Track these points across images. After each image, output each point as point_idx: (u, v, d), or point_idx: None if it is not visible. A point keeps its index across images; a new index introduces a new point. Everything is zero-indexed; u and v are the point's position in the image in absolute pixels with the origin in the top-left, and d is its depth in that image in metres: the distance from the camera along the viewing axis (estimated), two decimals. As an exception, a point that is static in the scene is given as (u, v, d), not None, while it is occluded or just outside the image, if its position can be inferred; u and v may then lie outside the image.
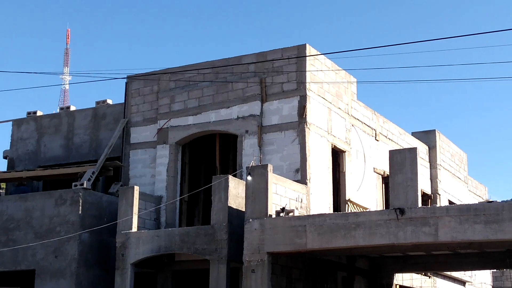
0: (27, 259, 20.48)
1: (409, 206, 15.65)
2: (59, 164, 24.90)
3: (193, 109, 21.82)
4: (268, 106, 20.71)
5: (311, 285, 19.34)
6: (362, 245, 16.21)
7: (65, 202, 20.41)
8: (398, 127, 26.22)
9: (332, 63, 21.81)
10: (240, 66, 21.37)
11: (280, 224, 16.85)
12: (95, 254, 20.38)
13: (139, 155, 22.77)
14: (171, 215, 21.47)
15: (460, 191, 30.55)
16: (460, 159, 31.44)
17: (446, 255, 21.06)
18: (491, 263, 22.35)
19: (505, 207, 14.73)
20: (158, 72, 22.92)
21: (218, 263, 18.00)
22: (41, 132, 26.16)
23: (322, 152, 20.63)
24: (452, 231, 15.05)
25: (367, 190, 23.00)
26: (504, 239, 14.91)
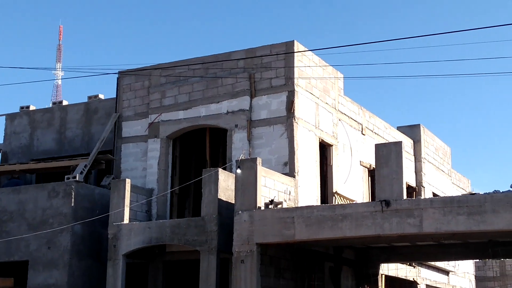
0: (21, 250, 20.46)
1: (394, 198, 15.73)
2: (52, 157, 24.82)
3: (184, 104, 21.81)
4: (257, 101, 20.74)
5: (299, 275, 19.42)
6: (348, 236, 16.29)
7: (57, 194, 20.39)
8: (383, 122, 26.31)
9: (319, 59, 21.86)
10: (229, 62, 21.36)
11: (269, 216, 16.90)
12: (88, 245, 20.38)
13: (130, 148, 22.75)
14: (162, 207, 21.49)
15: (444, 183, 30.71)
16: (444, 152, 31.60)
17: (430, 245, 21.18)
18: (473, 253, 22.50)
19: (487, 199, 14.84)
20: (149, 67, 22.90)
21: (208, 254, 18.04)
22: (34, 126, 26.08)
23: (310, 146, 20.70)
24: (436, 222, 15.15)
25: (353, 182, 23.09)
26: (486, 230, 15.03)
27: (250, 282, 16.76)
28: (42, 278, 20.01)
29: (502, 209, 14.60)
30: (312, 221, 16.34)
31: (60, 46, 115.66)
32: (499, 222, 14.64)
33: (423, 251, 22.14)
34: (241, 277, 16.87)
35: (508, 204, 14.56)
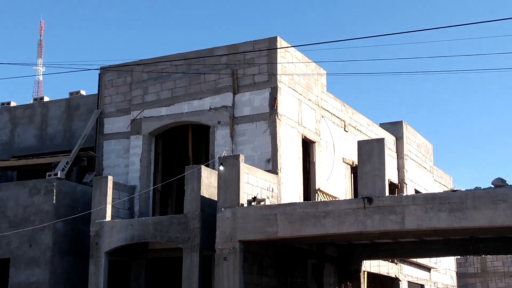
0: (2, 248, 20.35)
1: (376, 195, 15.81)
2: (33, 154, 24.74)
3: (166, 100, 21.77)
4: (240, 97, 20.74)
5: (282, 272, 19.46)
6: (331, 233, 16.35)
7: (39, 191, 20.30)
8: (366, 119, 26.41)
9: (302, 56, 21.89)
10: (212, 58, 21.34)
11: (252, 213, 16.93)
12: (69, 243, 20.30)
13: (112, 145, 22.68)
14: (144, 204, 21.45)
15: (426, 180, 30.90)
16: (426, 149, 31.79)
17: (412, 242, 21.31)
18: (455, 250, 22.68)
19: (469, 196, 14.95)
20: (131, 63, 22.84)
21: (191, 251, 18.03)
22: (14, 122, 25.94)
23: (293, 142, 20.73)
24: (418, 219, 15.24)
25: (336, 179, 23.17)
26: (467, 226, 15.15)
27: (233, 279, 16.78)
28: (23, 276, 19.92)
29: (483, 206, 14.72)
30: (295, 218, 16.39)
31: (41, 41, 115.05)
32: (480, 219, 14.76)
33: (405, 248, 22.29)
34: (223, 274, 16.89)
35: (489, 201, 14.68)
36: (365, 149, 16.71)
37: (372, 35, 26.40)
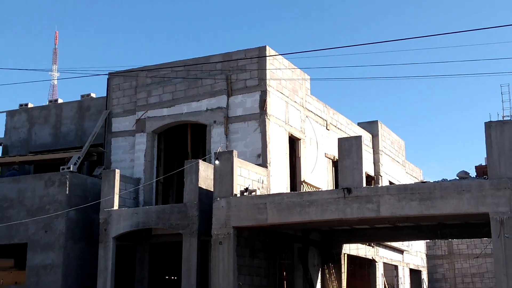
0: (20, 234, 20.30)
1: (355, 186, 15.83)
2: (48, 150, 24.66)
3: (167, 102, 21.73)
4: (233, 99, 20.72)
5: (271, 255, 19.48)
6: (315, 220, 16.37)
7: (53, 183, 20.26)
8: (346, 118, 26.43)
9: (289, 63, 21.89)
10: (208, 64, 21.31)
11: (244, 202, 16.93)
12: (81, 230, 20.26)
13: (119, 142, 22.62)
14: (148, 194, 21.40)
15: (398, 173, 30.97)
16: (399, 145, 31.86)
17: (387, 228, 21.35)
18: (425, 235, 22.73)
19: (437, 187, 15.01)
20: (136, 69, 22.78)
21: (190, 237, 18.02)
22: (32, 122, 25.86)
23: (280, 139, 20.73)
24: (391, 207, 15.28)
25: (319, 172, 23.19)
26: (435, 214, 15.20)
27: (228, 261, 16.77)
28: (39, 259, 19.87)
29: (449, 196, 14.78)
30: (283, 206, 16.40)
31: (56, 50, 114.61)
32: (447, 207, 14.82)
33: (381, 233, 22.33)
34: (219, 257, 16.88)
35: (454, 191, 14.74)
36: (344, 145, 16.74)
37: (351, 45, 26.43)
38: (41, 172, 23.23)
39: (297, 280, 21.23)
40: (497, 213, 14.21)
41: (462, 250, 38.10)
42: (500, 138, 14.68)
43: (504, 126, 14.83)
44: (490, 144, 14.72)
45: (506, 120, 15.27)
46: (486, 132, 14.82)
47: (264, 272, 18.74)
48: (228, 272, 16.68)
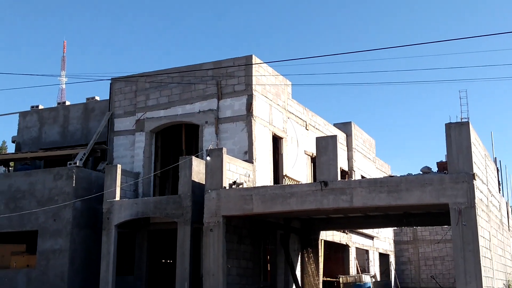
0: (31, 222, 20.20)
1: (331, 180, 15.88)
2: (57, 147, 24.55)
3: (164, 105, 21.67)
4: (223, 102, 20.70)
5: (256, 241, 19.51)
6: (295, 210, 16.41)
7: (61, 177, 20.18)
8: (323, 119, 26.48)
9: (272, 70, 21.89)
10: (200, 71, 21.29)
11: (232, 194, 16.93)
12: (86, 218, 20.17)
13: (121, 140, 22.53)
14: (146, 187, 21.34)
15: (369, 168, 31.10)
16: (370, 144, 31.97)
17: (359, 216, 21.44)
18: (392, 223, 22.88)
19: (403, 180, 15.09)
20: (136, 75, 22.71)
21: (184, 225, 17.99)
22: (42, 122, 25.72)
23: (265, 138, 20.75)
24: (363, 198, 15.34)
25: (299, 167, 23.23)
26: (402, 204, 15.29)
27: (217, 247, 16.78)
28: (49, 245, 19.77)
29: (414, 188, 14.87)
30: (267, 198, 16.42)
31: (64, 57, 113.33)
32: (412, 198, 14.91)
33: (353, 221, 22.43)
34: (210, 243, 16.88)
35: (418, 184, 14.83)
36: (322, 143, 16.78)
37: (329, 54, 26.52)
38: (51, 167, 23.12)
39: (280, 264, 21.28)
40: (455, 204, 14.32)
41: (425, 236, 38.35)
42: (459, 138, 14.79)
43: (462, 127, 14.94)
44: (450, 143, 14.82)
45: (464, 122, 15.36)
46: (446, 132, 14.92)
47: (250, 256, 18.76)
48: (218, 256, 16.68)
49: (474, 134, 15.47)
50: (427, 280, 36.38)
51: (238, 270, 17.81)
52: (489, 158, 19.23)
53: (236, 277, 17.60)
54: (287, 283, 21.33)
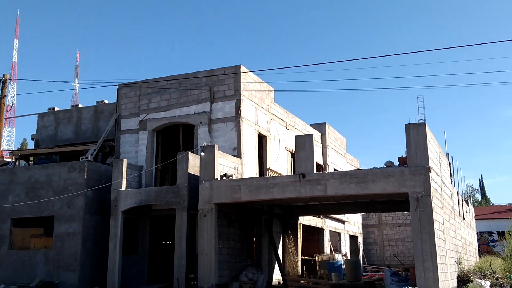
0: (48, 208, 20.08)
1: (308, 172, 15.93)
2: (71, 144, 24.41)
3: (164, 107, 21.59)
4: (215, 106, 20.67)
5: (244, 225, 19.52)
6: (277, 198, 16.44)
7: (75, 169, 20.06)
8: (301, 120, 26.53)
9: (258, 78, 21.89)
10: (196, 78, 21.24)
11: (223, 184, 16.93)
12: (96, 205, 20.08)
13: (126, 138, 22.42)
14: (149, 178, 21.26)
15: (341, 162, 31.24)
16: (341, 141, 32.11)
17: (332, 203, 21.56)
18: (360, 209, 22.99)
19: (369, 173, 15.18)
20: (140, 82, 22.61)
21: (181, 211, 17.97)
22: (58, 122, 25.54)
23: (251, 136, 20.76)
24: (336, 188, 15.41)
25: (281, 162, 23.28)
26: (368, 193, 15.37)
27: (210, 230, 16.78)
28: (63, 229, 19.66)
29: (378, 180, 14.96)
30: (253, 187, 16.44)
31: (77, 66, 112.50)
32: (377, 188, 15.00)
33: (327, 208, 22.54)
34: (204, 226, 16.88)
35: (382, 176, 14.93)
36: (300, 141, 16.83)
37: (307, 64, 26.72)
38: (65, 161, 22.99)
39: (264, 244, 21.32)
40: (414, 193, 14.43)
41: (388, 221, 38.56)
42: (417, 137, 14.90)
43: (419, 127, 15.06)
44: (409, 141, 14.92)
45: (421, 123, 15.45)
46: (406, 132, 15.02)
47: (238, 238, 18.78)
48: (211, 238, 16.69)
49: (429, 133, 15.59)
50: (390, 258, 36.56)
51: (228, 250, 17.82)
52: (442, 154, 19.39)
53: (226, 256, 17.61)
54: (270, 261, 21.39)
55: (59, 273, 19.34)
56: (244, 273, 18.34)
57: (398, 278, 15.18)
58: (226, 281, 17.22)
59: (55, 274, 19.39)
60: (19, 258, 20.30)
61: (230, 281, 17.43)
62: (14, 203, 20.49)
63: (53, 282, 19.15)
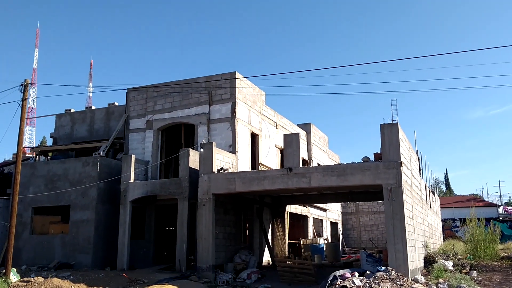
0: (65, 198, 19.96)
1: (294, 166, 15.93)
2: (85, 141, 24.29)
3: (168, 109, 21.50)
4: (213, 108, 20.61)
5: (238, 212, 19.49)
6: (267, 189, 16.44)
7: (88, 164, 19.95)
8: (289, 121, 26.52)
9: (251, 83, 21.85)
10: (196, 83, 21.16)
11: (220, 177, 16.90)
12: (108, 196, 19.98)
13: (134, 136, 22.31)
14: (154, 172, 21.18)
15: (323, 158, 31.29)
16: (324, 139, 32.14)
17: (315, 194, 21.62)
18: (340, 198, 23.08)
19: (348, 167, 15.21)
20: (146, 86, 22.49)
21: (183, 200, 17.92)
22: (73, 121, 25.38)
23: (245, 135, 20.73)
24: (319, 180, 15.42)
25: (271, 157, 23.28)
26: (347, 185, 15.39)
27: (208, 217, 16.75)
28: (78, 216, 19.55)
29: (356, 173, 14.99)
30: (246, 180, 16.42)
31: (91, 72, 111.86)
32: (355, 180, 15.02)
33: (312, 198, 22.58)
34: (202, 214, 16.84)
35: (360, 170, 14.96)
36: (288, 139, 16.82)
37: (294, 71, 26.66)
38: (80, 156, 22.85)
39: (255, 230, 21.32)
40: (387, 184, 14.47)
41: (364, 209, 38.72)
42: (390, 135, 14.93)
43: (392, 127, 15.10)
44: (384, 138, 14.95)
45: (394, 123, 15.47)
46: (381, 130, 15.05)
47: (233, 224, 18.77)
48: (208, 224, 16.66)
49: (401, 132, 15.64)
50: (365, 241, 36.72)
51: (224, 235, 17.80)
52: (412, 150, 19.46)
53: (222, 240, 17.59)
54: (261, 245, 21.40)
55: (74, 255, 19.25)
56: (238, 255, 18.34)
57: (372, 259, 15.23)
58: (222, 262, 17.22)
59: (71, 256, 19.30)
60: (39, 242, 20.18)
61: (225, 262, 17.42)
62: (35, 194, 20.35)
63: (70, 263, 19.06)
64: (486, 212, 37.35)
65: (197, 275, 15.98)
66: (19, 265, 19.46)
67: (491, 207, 44.74)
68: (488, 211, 41.83)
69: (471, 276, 14.83)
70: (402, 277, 13.15)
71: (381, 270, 13.52)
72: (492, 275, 15.12)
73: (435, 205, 28.38)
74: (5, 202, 21.55)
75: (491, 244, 18.94)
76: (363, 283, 12.39)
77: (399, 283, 12.53)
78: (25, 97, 15.84)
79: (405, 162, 15.62)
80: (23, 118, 15.72)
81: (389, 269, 13.50)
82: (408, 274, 13.51)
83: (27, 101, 15.92)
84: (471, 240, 19.76)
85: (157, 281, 14.91)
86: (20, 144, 15.86)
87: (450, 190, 73.51)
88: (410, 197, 16.11)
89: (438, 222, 29.80)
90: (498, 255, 18.83)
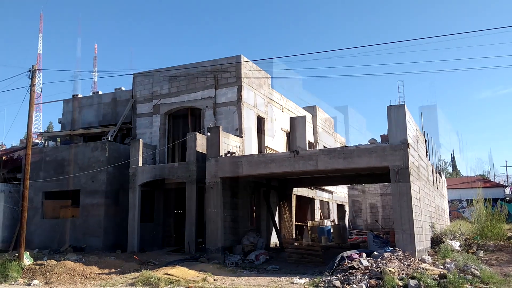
0: (75, 183, 20.16)
1: (301, 149, 15.97)
2: (93, 126, 24.39)
3: (174, 93, 21.52)
4: (219, 91, 20.61)
5: (245, 195, 19.63)
6: (274, 172, 16.50)
7: (97, 149, 20.08)
8: (295, 104, 26.48)
9: (256, 66, 21.77)
10: (202, 67, 21.12)
11: (227, 161, 16.98)
12: (117, 180, 20.16)
13: (142, 121, 22.40)
14: (162, 156, 21.32)
15: (330, 140, 31.27)
16: (330, 122, 32.07)
17: (322, 177, 21.65)
18: (347, 181, 23.13)
19: (354, 149, 15.21)
20: (153, 71, 22.48)
21: (191, 184, 18.06)
22: (81, 107, 25.46)
23: (251, 118, 20.74)
24: (325, 163, 15.46)
25: (277, 140, 23.32)
26: (354, 167, 15.42)
27: (216, 200, 16.88)
28: (88, 200, 19.77)
29: (363, 155, 15.00)
30: (253, 163, 16.50)
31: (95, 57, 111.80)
32: (362, 163, 15.04)
33: (318, 180, 22.65)
34: (210, 197, 16.97)
35: (366, 152, 14.97)
36: (294, 122, 16.83)
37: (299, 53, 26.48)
38: (89, 141, 23.01)
39: (263, 212, 21.49)
40: (394, 166, 14.49)
41: (371, 191, 38.79)
42: (397, 117, 14.90)
43: (399, 109, 15.05)
44: (390, 120, 14.91)
45: (401, 104, 15.41)
46: (387, 112, 14.99)
47: (241, 207, 18.93)
48: (217, 207, 16.80)
49: (408, 114, 15.59)
50: (372, 223, 36.88)
51: (232, 218, 17.98)
52: (419, 132, 19.41)
53: (230, 222, 17.77)
54: (268, 227, 21.59)
55: (85, 238, 19.53)
56: (246, 237, 18.53)
57: (379, 240, 15.36)
58: (231, 244, 17.42)
59: (82, 239, 19.59)
60: (50, 226, 20.47)
61: (234, 244, 17.62)
62: (45, 179, 20.58)
63: (81, 246, 19.36)
64: (492, 193, 37.30)
65: (206, 257, 16.21)
66: (31, 248, 19.80)
67: (498, 187, 44.67)
68: (495, 192, 41.79)
69: (477, 255, 14.93)
70: (409, 257, 13.27)
71: (388, 250, 13.63)
72: (499, 255, 15.21)
73: (441, 186, 28.39)
74: (15, 187, 21.83)
75: (497, 224, 18.97)
76: (371, 263, 12.53)
77: (406, 263, 12.65)
78: (33, 82, 15.92)
79: (411, 143, 15.61)
80: (32, 103, 15.83)
81: (396, 249, 13.61)
82: (415, 255, 13.63)
83: (35, 87, 16.01)
84: (477, 220, 19.80)
85: (168, 263, 15.16)
86: (30, 129, 16.01)
87: (456, 171, 73.37)
88: (417, 178, 16.13)
89: (445, 203, 29.85)
90: (504, 235, 18.89)
